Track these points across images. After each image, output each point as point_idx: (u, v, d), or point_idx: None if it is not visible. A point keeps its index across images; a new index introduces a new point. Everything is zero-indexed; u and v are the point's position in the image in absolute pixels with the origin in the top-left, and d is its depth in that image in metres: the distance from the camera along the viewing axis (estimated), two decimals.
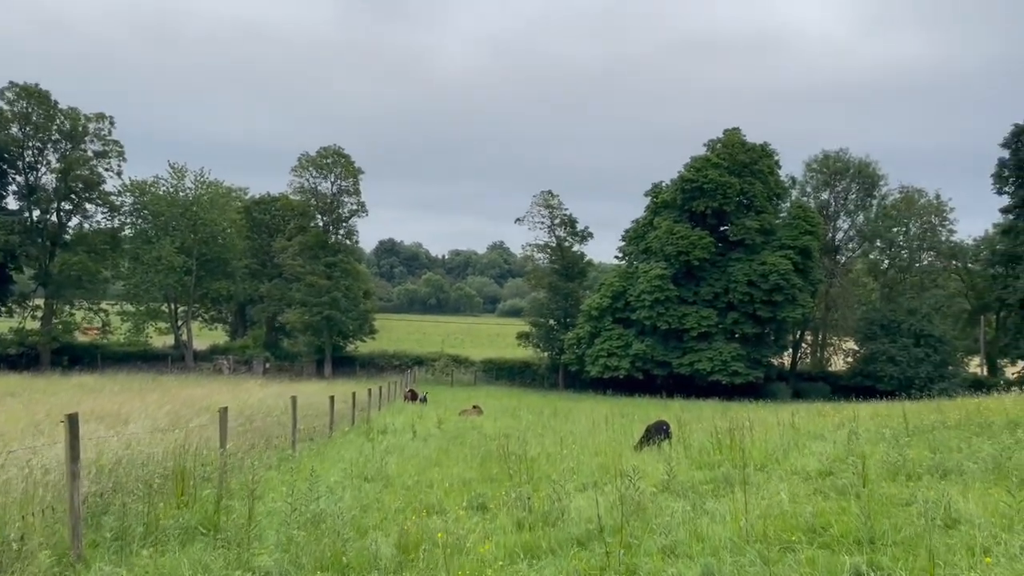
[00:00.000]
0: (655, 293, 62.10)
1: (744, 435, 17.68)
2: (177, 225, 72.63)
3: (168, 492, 10.03)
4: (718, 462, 13.15)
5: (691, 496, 10.31)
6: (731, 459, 13.26)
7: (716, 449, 14.40)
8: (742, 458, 13.31)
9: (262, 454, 18.32)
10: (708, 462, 13.35)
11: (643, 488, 9.83)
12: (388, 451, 20.40)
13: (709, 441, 15.88)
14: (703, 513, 8.78)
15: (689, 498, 10.13)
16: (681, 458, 13.96)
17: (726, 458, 13.37)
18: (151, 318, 71.85)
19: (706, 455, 14.24)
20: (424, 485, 13.31)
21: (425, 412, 35.95)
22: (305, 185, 72.77)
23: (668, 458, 14.57)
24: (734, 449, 14.35)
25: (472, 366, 75.65)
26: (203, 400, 31.57)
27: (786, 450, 14.38)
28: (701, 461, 13.55)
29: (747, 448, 14.59)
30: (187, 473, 10.54)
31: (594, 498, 10.57)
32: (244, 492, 11.40)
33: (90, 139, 69.12)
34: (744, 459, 13.25)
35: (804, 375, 73.38)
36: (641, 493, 9.37)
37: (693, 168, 65.34)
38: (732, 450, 14.18)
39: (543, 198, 73.65)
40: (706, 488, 11.01)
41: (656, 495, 10.32)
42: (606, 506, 9.91)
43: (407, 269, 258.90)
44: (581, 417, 34.31)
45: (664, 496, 10.30)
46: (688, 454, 14.50)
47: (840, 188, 76.61)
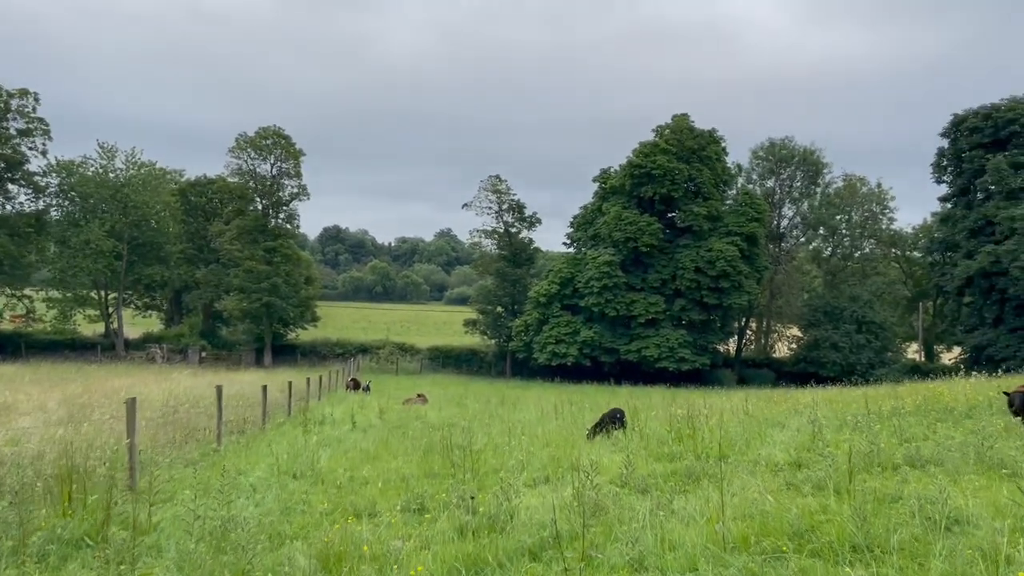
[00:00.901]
0: (603, 279, 61.49)
1: (701, 423, 16.85)
2: (107, 208, 69.29)
3: (55, 497, 8.60)
4: (678, 453, 12.20)
5: (654, 493, 9.30)
6: (691, 449, 12.32)
7: (675, 439, 13.46)
8: (702, 448, 12.39)
9: (181, 449, 16.82)
10: (667, 453, 12.39)
11: (601, 484, 8.78)
12: (323, 444, 19.05)
13: (666, 430, 14.94)
14: (671, 514, 7.75)
15: (652, 495, 9.11)
16: (638, 448, 12.98)
17: (686, 448, 12.43)
18: (79, 305, 68.53)
19: (664, 445, 13.28)
20: (358, 483, 12.06)
21: (368, 402, 34.49)
22: (243, 167, 70.06)
23: (624, 448, 13.59)
24: (693, 438, 13.44)
25: (418, 354, 74.18)
26: (125, 391, 29.64)
27: (747, 439, 13.52)
28: (660, 452, 12.58)
29: (705, 437, 13.70)
30: (78, 474, 9.07)
31: (547, 497, 9.49)
32: (151, 494, 10.01)
33: (12, 116, 65.23)
34: (704, 449, 12.33)
35: (749, 362, 73.84)
36: (599, 490, 8.30)
37: (641, 154, 64.79)
38: (691, 439, 13.26)
39: (491, 183, 72.43)
40: (669, 483, 10.01)
41: (616, 492, 9.27)
42: (561, 506, 8.83)
43: (353, 256, 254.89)
44: (529, 405, 33.31)
45: (624, 493, 9.27)
46: (645, 444, 13.53)
47: (785, 176, 77.07)
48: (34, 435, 11.54)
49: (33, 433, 11.67)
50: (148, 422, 18.84)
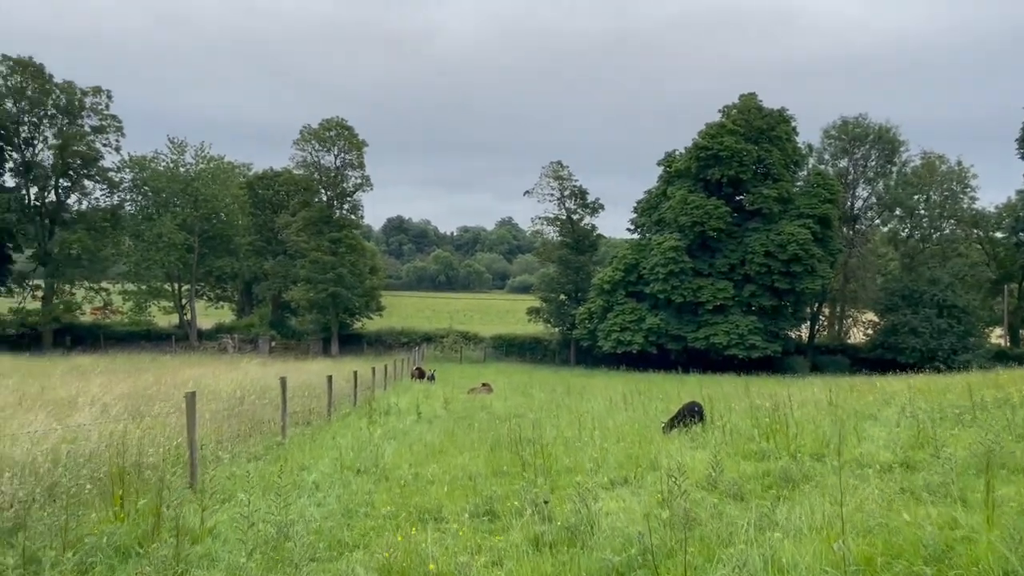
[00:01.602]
0: (669, 265, 59.96)
1: (786, 416, 15.75)
2: (178, 201, 70.80)
3: (107, 499, 8.18)
4: (767, 451, 11.21)
5: (749, 499, 8.40)
6: (782, 447, 11.32)
7: (763, 435, 12.45)
8: (794, 446, 11.38)
9: (246, 442, 16.55)
10: (755, 451, 11.42)
11: (688, 489, 7.93)
12: (388, 436, 18.60)
13: (750, 424, 13.93)
14: (773, 526, 6.86)
15: (748, 502, 8.21)
16: (721, 445, 12.03)
17: (777, 446, 11.42)
18: (154, 297, 70.28)
19: (751, 442, 12.29)
20: (423, 481, 11.44)
21: (432, 391, 34.17)
22: (308, 159, 70.66)
23: (706, 444, 12.66)
24: (783, 435, 12.42)
25: (481, 342, 73.91)
26: (194, 382, 29.84)
27: (841, 435, 12.41)
28: (747, 450, 11.61)
29: (794, 432, 12.66)
30: (131, 474, 8.65)
31: (627, 501, 8.67)
32: (206, 495, 9.57)
33: (87, 114, 67.13)
34: (796, 447, 11.32)
35: (822, 348, 71.32)
36: (689, 497, 7.45)
37: (708, 135, 62.84)
38: (780, 436, 12.24)
39: (552, 169, 71.38)
40: (762, 486, 9.09)
41: (706, 499, 8.40)
42: (644, 511, 8.01)
43: (416, 247, 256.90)
44: (596, 395, 32.44)
45: (715, 499, 8.39)
46: (729, 441, 12.56)
47: (859, 155, 73.85)
48: (93, 431, 11.24)
49: (92, 429, 11.37)
50: (213, 414, 18.68)
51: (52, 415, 13.13)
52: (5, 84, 63.04)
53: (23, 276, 67.81)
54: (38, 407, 14.14)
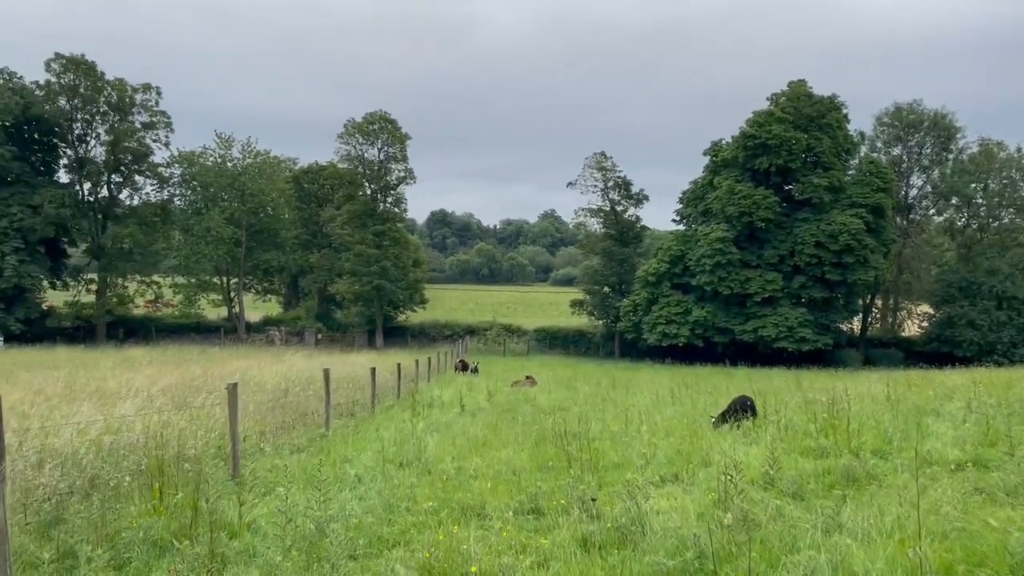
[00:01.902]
0: (716, 256, 58.86)
1: (843, 411, 15.13)
2: (226, 196, 71.83)
3: (146, 492, 8.06)
4: (826, 448, 10.68)
5: (810, 499, 7.93)
6: (842, 443, 10.78)
7: (820, 431, 11.89)
8: (855, 442, 10.82)
9: (290, 433, 16.49)
10: (813, 447, 10.89)
11: (745, 487, 7.50)
12: (431, 429, 18.40)
13: (807, 419, 13.37)
14: (839, 529, 6.41)
15: (808, 502, 7.75)
16: (776, 441, 11.53)
17: (838, 442, 10.88)
18: (203, 290, 71.47)
19: (807, 437, 11.76)
20: (466, 475, 11.16)
21: (476, 383, 33.95)
22: (352, 152, 71.13)
23: (760, 440, 12.16)
24: (838, 430, 11.86)
25: (525, 335, 73.65)
26: (240, 373, 30.11)
27: (903, 431, 11.82)
28: (804, 446, 11.08)
29: (852, 428, 12.08)
30: (171, 467, 8.51)
31: (679, 499, 8.27)
32: (246, 489, 9.42)
33: (137, 110, 68.39)
34: (856, 443, 10.76)
35: (875, 341, 69.51)
36: (745, 495, 7.03)
37: (756, 123, 61.48)
38: (840, 432, 11.68)
39: (596, 160, 70.62)
40: (823, 485, 8.60)
41: (763, 497, 7.95)
42: (698, 510, 7.60)
43: (459, 240, 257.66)
44: (642, 388, 31.88)
45: (773, 498, 7.94)
46: (784, 436, 12.04)
47: (913, 142, 71.62)
48: (137, 422, 11.19)
49: (136, 420, 11.33)
50: (258, 406, 18.70)
51: (98, 406, 13.16)
52: (59, 82, 64.50)
53: (78, 270, 69.51)
54: (83, 398, 14.23)
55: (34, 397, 14.55)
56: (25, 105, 62.58)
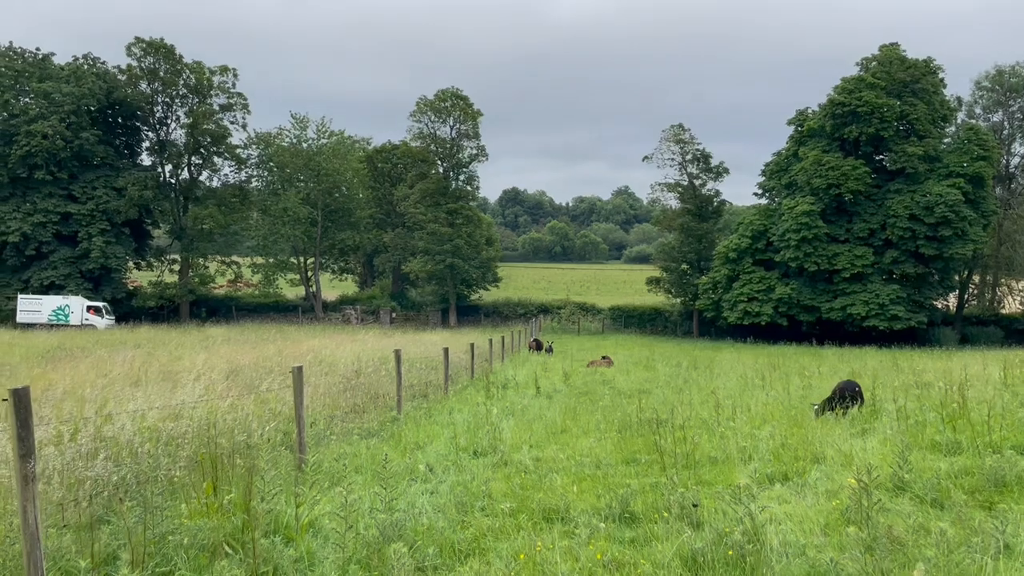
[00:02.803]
0: (802, 231, 56.19)
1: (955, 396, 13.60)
2: (302, 176, 72.51)
3: (199, 488, 7.39)
4: (956, 443, 9.33)
5: (951, 507, 6.70)
6: (976, 437, 9.40)
7: (946, 421, 10.49)
8: (990, 437, 9.44)
9: (361, 417, 15.88)
10: (940, 443, 9.55)
11: (878, 494, 6.33)
12: (506, 413, 17.57)
13: (923, 406, 11.94)
14: (1007, 552, 5.23)
15: (953, 511, 6.53)
16: (895, 434, 10.21)
17: (969, 437, 9.51)
18: (280, 270, 72.50)
19: (931, 428, 10.39)
20: (545, 467, 10.25)
21: (550, 363, 33.05)
22: (424, 130, 70.74)
23: (874, 432, 10.84)
24: (968, 421, 10.44)
25: (599, 314, 72.35)
26: (315, 353, 29.96)
27: None
28: (930, 441, 9.74)
29: (983, 420, 10.64)
30: (226, 460, 7.82)
31: (794, 504, 7.15)
32: (307, 484, 8.71)
33: (215, 93, 69.45)
34: (995, 439, 9.38)
35: (972, 319, 65.55)
36: (881, 506, 5.88)
37: (845, 90, 58.22)
38: (966, 422, 10.28)
39: (673, 133, 68.38)
40: (964, 490, 7.33)
41: (897, 504, 6.76)
42: (821, 520, 6.47)
43: (531, 218, 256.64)
44: (725, 370, 30.43)
45: (908, 504, 6.75)
46: (903, 428, 10.69)
47: (1015, 107, 66.95)
48: (199, 408, 10.64)
49: (197, 406, 10.77)
50: (328, 388, 18.22)
51: (162, 389, 12.72)
52: (140, 66, 65.93)
53: (161, 251, 71.43)
54: (150, 379, 13.85)
55: (96, 379, 14.25)
56: (108, 90, 64.24)
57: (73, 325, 55.28)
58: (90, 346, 35.04)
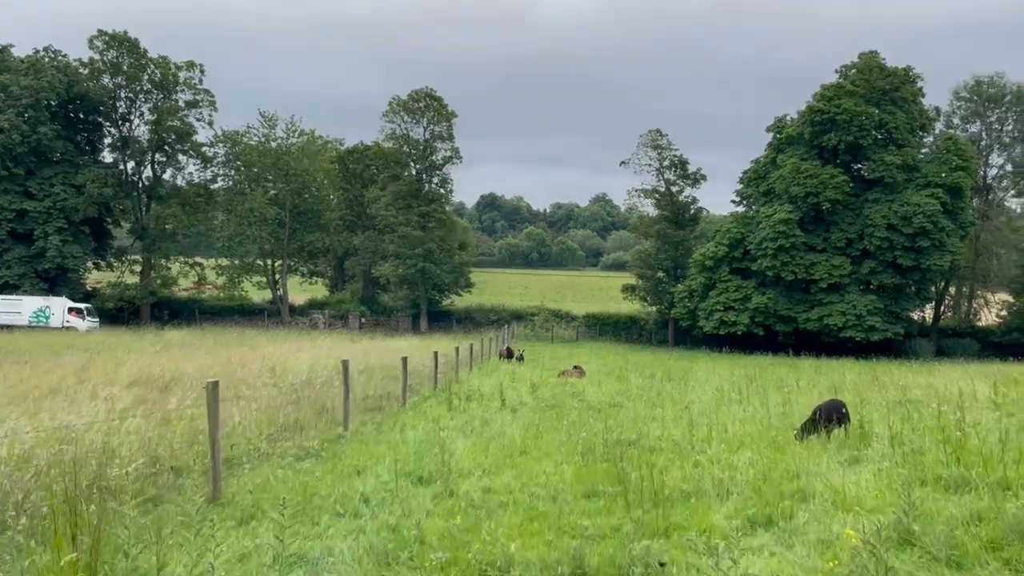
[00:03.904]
0: (779, 240, 55.36)
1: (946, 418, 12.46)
2: (270, 176, 70.66)
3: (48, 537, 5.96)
4: (965, 479, 8.13)
5: (973, 566, 5.47)
6: (988, 471, 8.21)
7: (950, 453, 9.28)
8: (1006, 473, 8.25)
9: (303, 434, 14.45)
10: (945, 477, 8.35)
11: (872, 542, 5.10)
12: (466, 428, 16.23)
13: (916, 428, 10.76)
14: None
15: (970, 571, 5.30)
16: (890, 464, 9.00)
17: (981, 471, 8.31)
18: (246, 272, 70.47)
19: (932, 459, 9.19)
20: (495, 500, 8.93)
21: (520, 373, 31.74)
22: (397, 131, 69.14)
23: (866, 461, 9.62)
24: (970, 449, 9.26)
25: (574, 321, 71.16)
26: (269, 359, 28.43)
27: None
28: (932, 474, 8.54)
29: (987, 448, 9.48)
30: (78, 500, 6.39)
31: (784, 562, 5.87)
32: (219, 520, 7.30)
33: (181, 88, 67.45)
34: (1008, 474, 8.19)
35: (948, 331, 65.14)
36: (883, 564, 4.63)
37: (824, 97, 57.56)
38: (969, 452, 9.09)
39: (651, 138, 67.39)
40: (981, 542, 6.10)
41: (905, 562, 5.51)
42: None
43: (508, 224, 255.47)
44: (701, 381, 29.30)
45: (917, 561, 5.51)
46: (898, 457, 9.48)
47: (994, 118, 66.72)
48: (90, 430, 9.19)
49: (98, 423, 9.32)
50: (272, 400, 16.79)
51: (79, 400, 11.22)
52: (102, 60, 63.82)
53: (122, 251, 69.16)
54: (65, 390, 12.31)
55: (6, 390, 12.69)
56: (69, 83, 62.06)
57: (54, 327, 53.18)
58: (36, 349, 33.22)
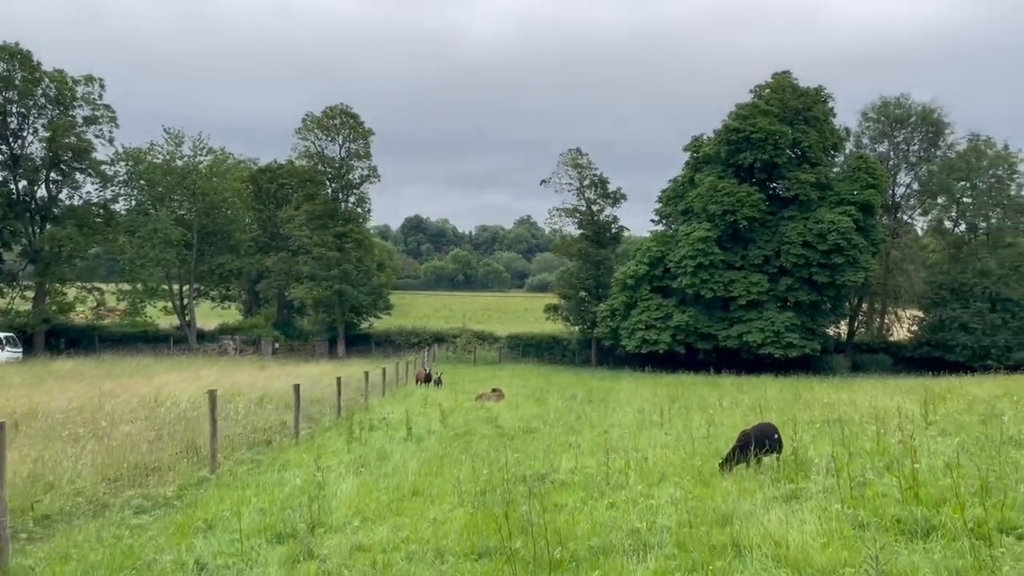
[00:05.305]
0: (698, 257, 55.11)
1: (889, 439, 11.31)
2: (176, 196, 67.01)
3: None
4: (927, 521, 6.78)
5: None
6: (946, 508, 6.90)
7: (905, 489, 7.93)
8: (969, 512, 6.94)
9: (161, 477, 12.34)
10: (902, 519, 6.99)
11: None
12: (359, 464, 14.34)
13: (862, 454, 9.48)
14: None
15: None
16: (836, 502, 7.62)
17: (940, 509, 6.98)
18: (149, 297, 66.39)
19: (887, 494, 7.85)
20: (362, 565, 7.16)
21: (436, 397, 29.85)
22: (311, 149, 66.62)
23: (805, 495, 8.24)
24: (915, 481, 7.97)
25: (497, 342, 69.54)
26: (160, 388, 25.86)
27: (996, 475, 7.98)
28: (887, 515, 7.18)
29: (937, 479, 8.22)
30: None
31: None
32: None
33: (79, 104, 63.42)
34: (977, 515, 6.88)
35: (862, 346, 66.23)
36: None
37: (739, 116, 57.91)
38: (918, 482, 7.79)
39: (571, 157, 66.74)
40: None
41: None
42: None
43: (434, 246, 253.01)
44: (622, 402, 28.03)
45: None
46: (845, 493, 8.11)
47: (900, 138, 68.59)
48: None
49: None
50: (133, 438, 14.57)
51: None
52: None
53: (12, 276, 64.25)
54: None
55: None
56: None
57: None
58: None
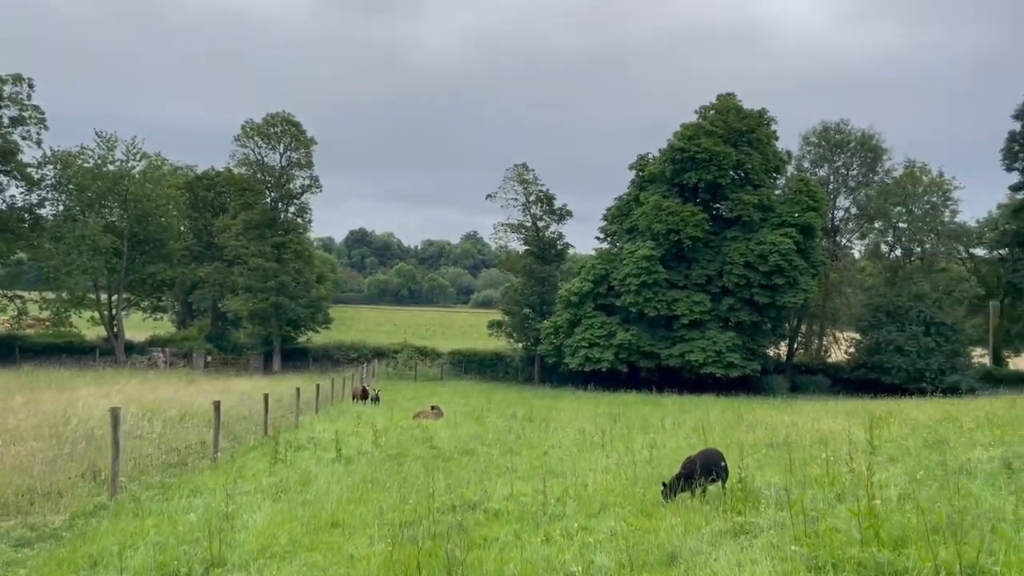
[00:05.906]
0: (642, 276, 54.99)
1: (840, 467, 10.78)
2: (107, 202, 64.34)
3: None
4: (891, 566, 6.14)
5: None
6: (918, 552, 6.27)
7: (865, 527, 7.30)
8: (934, 552, 6.33)
9: (54, 503, 11.12)
10: (871, 563, 6.35)
11: None
12: (279, 488, 13.27)
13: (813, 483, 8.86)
14: None
15: None
16: (788, 540, 6.95)
17: (904, 550, 6.36)
18: (75, 306, 63.43)
19: (843, 530, 7.21)
20: None
21: (371, 415, 28.72)
22: (251, 156, 64.77)
23: (755, 531, 7.56)
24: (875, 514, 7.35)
25: (439, 358, 68.37)
26: (70, 404, 24.18)
27: (959, 510, 7.44)
28: (853, 559, 6.52)
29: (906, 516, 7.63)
30: None
31: None
32: None
33: (5, 104, 60.48)
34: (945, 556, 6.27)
35: (801, 367, 67.04)
36: None
37: (684, 136, 58.25)
38: (877, 518, 7.18)
39: (517, 172, 66.27)
40: None
41: None
42: None
43: (379, 260, 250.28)
44: (564, 422, 27.34)
45: None
46: (802, 527, 7.45)
47: (840, 163, 70.05)
48: None
49: None
50: (23, 459, 13.24)
51: None
52: None
53: None
54: None
55: None
56: None
57: None
58: None
